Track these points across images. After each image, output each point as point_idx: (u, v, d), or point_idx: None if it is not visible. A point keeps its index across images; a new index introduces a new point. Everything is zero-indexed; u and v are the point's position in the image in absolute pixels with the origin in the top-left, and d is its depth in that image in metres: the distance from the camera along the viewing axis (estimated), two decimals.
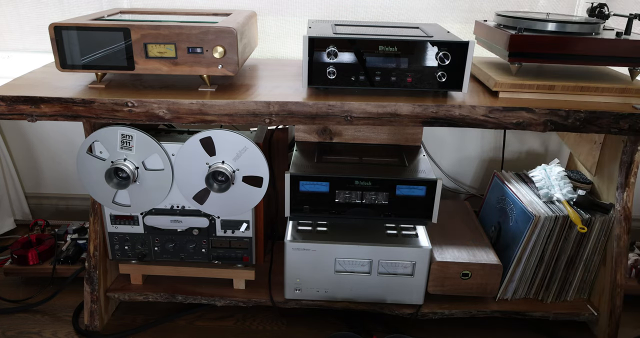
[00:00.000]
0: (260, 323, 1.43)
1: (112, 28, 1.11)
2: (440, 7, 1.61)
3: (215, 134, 1.23)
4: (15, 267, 1.55)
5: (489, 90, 1.26)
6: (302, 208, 1.27)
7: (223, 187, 1.25)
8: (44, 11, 1.65)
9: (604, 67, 1.38)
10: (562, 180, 1.40)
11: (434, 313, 1.37)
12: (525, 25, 1.23)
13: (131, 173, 1.23)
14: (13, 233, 1.84)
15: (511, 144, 1.79)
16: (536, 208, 1.32)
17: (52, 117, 1.14)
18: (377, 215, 1.27)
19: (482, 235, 1.47)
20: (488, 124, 1.16)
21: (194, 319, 1.44)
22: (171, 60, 1.14)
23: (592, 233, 1.32)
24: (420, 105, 1.14)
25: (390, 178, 1.24)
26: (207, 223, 1.36)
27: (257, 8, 1.61)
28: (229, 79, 1.30)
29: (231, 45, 1.12)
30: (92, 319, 1.38)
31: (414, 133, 1.44)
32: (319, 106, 1.14)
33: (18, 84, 1.21)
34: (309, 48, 1.13)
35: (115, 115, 1.13)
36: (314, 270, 1.33)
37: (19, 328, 1.40)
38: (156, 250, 1.40)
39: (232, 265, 1.42)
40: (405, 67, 1.15)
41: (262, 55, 1.68)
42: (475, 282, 1.35)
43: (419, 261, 1.31)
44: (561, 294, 1.40)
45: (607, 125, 1.15)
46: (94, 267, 1.35)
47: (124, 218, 1.35)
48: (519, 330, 1.42)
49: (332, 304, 1.38)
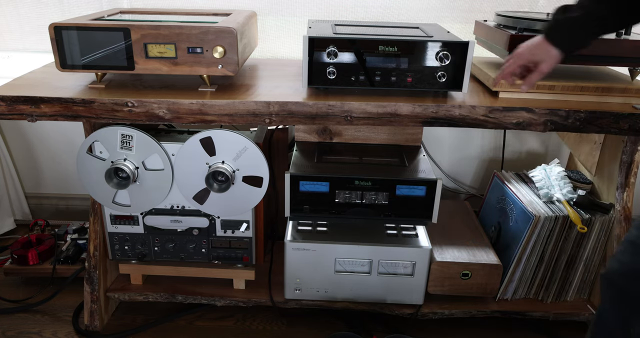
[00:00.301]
0: (260, 323, 1.43)
1: (112, 28, 1.11)
2: (440, 7, 1.61)
3: (215, 134, 1.23)
4: (15, 267, 1.55)
5: (489, 90, 1.26)
6: (302, 208, 1.27)
7: (223, 187, 1.25)
8: (44, 11, 1.65)
9: (604, 67, 1.38)
10: (562, 180, 1.40)
11: (434, 313, 1.37)
12: (525, 25, 1.23)
13: (131, 173, 1.23)
14: (13, 233, 1.84)
15: (511, 144, 1.79)
16: (536, 208, 1.32)
17: (52, 117, 1.14)
18: (377, 215, 1.27)
19: (482, 235, 1.47)
20: (488, 124, 1.16)
21: (194, 319, 1.44)
22: (171, 60, 1.14)
23: (592, 233, 1.32)
24: (420, 105, 1.14)
25: (390, 178, 1.24)
26: (207, 223, 1.36)
27: (257, 8, 1.61)
28: (229, 79, 1.30)
29: (231, 45, 1.12)
30: (92, 319, 1.38)
31: (414, 133, 1.44)
32: (319, 106, 1.14)
33: (18, 84, 1.21)
34: (309, 48, 1.13)
35: (115, 115, 1.13)
36: (314, 270, 1.33)
37: (19, 328, 1.40)
38: (156, 250, 1.40)
39: (232, 265, 1.42)
40: (405, 67, 1.15)
41: (262, 55, 1.68)
42: (475, 282, 1.35)
43: (419, 261, 1.31)
44: (561, 294, 1.40)
45: (607, 125, 1.15)
46: (94, 267, 1.35)
47: (124, 218, 1.35)
48: (519, 330, 1.42)
49: (332, 304, 1.38)
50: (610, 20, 0.93)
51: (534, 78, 1.02)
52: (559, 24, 0.95)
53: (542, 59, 0.98)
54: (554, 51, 0.97)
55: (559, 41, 0.96)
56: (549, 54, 0.97)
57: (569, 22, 0.94)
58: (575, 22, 0.94)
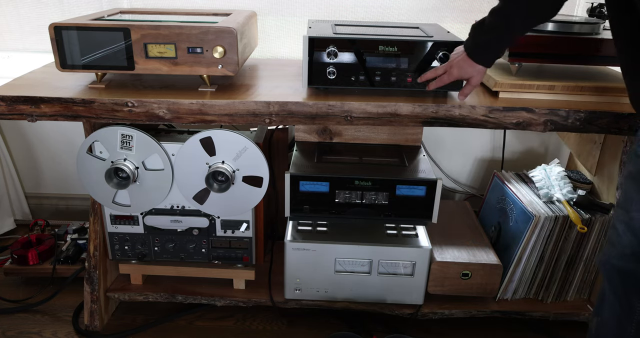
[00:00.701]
0: (260, 323, 1.43)
1: (112, 28, 1.11)
2: (440, 7, 1.61)
3: (215, 134, 1.23)
4: (15, 267, 1.55)
5: (489, 90, 1.26)
6: (302, 208, 1.27)
7: (223, 187, 1.25)
8: (44, 11, 1.65)
9: (604, 67, 1.38)
10: (562, 180, 1.40)
11: (434, 313, 1.37)
12: None
13: (131, 173, 1.23)
14: (13, 233, 1.84)
15: (511, 144, 1.79)
16: (536, 208, 1.32)
17: (52, 117, 1.14)
18: (377, 215, 1.27)
19: (482, 235, 1.47)
20: (488, 124, 1.16)
21: (194, 319, 1.44)
22: (171, 60, 1.14)
23: (592, 233, 1.32)
24: (420, 105, 1.14)
25: (390, 178, 1.24)
26: (207, 223, 1.36)
27: (257, 8, 1.61)
28: (229, 79, 1.30)
29: (231, 45, 1.12)
30: (92, 319, 1.38)
31: (414, 133, 1.44)
32: (319, 106, 1.14)
33: (18, 84, 1.21)
34: (309, 48, 1.13)
35: (115, 115, 1.13)
36: (314, 270, 1.33)
37: (19, 328, 1.40)
38: (156, 250, 1.40)
39: (232, 265, 1.42)
40: (405, 67, 1.15)
41: (262, 55, 1.68)
42: (475, 282, 1.35)
43: (419, 261, 1.31)
44: (561, 294, 1.40)
45: (607, 125, 1.15)
46: (94, 267, 1.35)
47: (124, 218, 1.35)
48: (519, 330, 1.42)
49: (332, 304, 1.38)
50: (520, 32, 1.04)
51: (468, 90, 1.14)
52: (479, 46, 1.06)
53: (472, 74, 1.09)
54: (479, 67, 1.08)
55: (482, 60, 1.07)
56: (476, 69, 1.08)
57: (488, 43, 1.05)
58: (492, 42, 1.05)
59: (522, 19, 0.99)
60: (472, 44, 1.07)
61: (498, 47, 1.05)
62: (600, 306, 0.96)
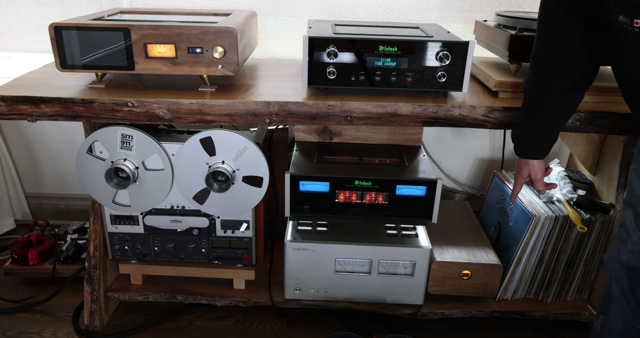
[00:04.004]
0: (260, 323, 1.43)
1: (112, 28, 1.11)
2: (440, 7, 1.61)
3: (215, 134, 1.23)
4: (15, 267, 1.55)
5: (489, 90, 1.26)
6: (302, 208, 1.27)
7: (223, 187, 1.25)
8: (44, 11, 1.65)
9: (604, 67, 1.38)
10: (562, 180, 1.40)
11: (434, 313, 1.37)
12: (525, 25, 1.23)
13: (131, 173, 1.23)
14: (13, 233, 1.84)
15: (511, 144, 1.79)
16: (536, 208, 1.32)
17: (52, 117, 1.14)
18: (377, 215, 1.27)
19: (482, 235, 1.47)
20: (488, 124, 1.16)
21: (194, 319, 1.44)
22: (171, 60, 1.14)
23: (592, 233, 1.32)
24: (420, 105, 1.14)
25: (390, 178, 1.24)
26: (207, 223, 1.36)
27: (257, 8, 1.61)
28: (229, 79, 1.30)
29: (231, 45, 1.12)
30: (92, 319, 1.38)
31: (414, 133, 1.44)
32: (319, 106, 1.14)
33: (18, 84, 1.21)
34: (309, 48, 1.13)
35: (115, 115, 1.13)
36: (314, 270, 1.33)
37: (19, 328, 1.40)
38: (156, 250, 1.40)
39: (232, 265, 1.42)
40: (405, 67, 1.15)
41: (262, 55, 1.68)
42: (475, 282, 1.35)
43: (419, 261, 1.31)
44: (561, 294, 1.40)
45: (607, 125, 1.15)
46: (94, 267, 1.35)
47: (124, 218, 1.35)
48: (519, 330, 1.42)
49: (332, 304, 1.38)
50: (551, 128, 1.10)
51: (539, 187, 1.20)
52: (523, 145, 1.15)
53: (531, 171, 1.18)
54: (534, 162, 1.16)
55: (532, 155, 1.15)
56: (533, 167, 1.17)
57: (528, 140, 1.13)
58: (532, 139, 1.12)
59: (539, 94, 1.03)
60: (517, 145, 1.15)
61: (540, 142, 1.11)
62: (605, 304, 0.97)
